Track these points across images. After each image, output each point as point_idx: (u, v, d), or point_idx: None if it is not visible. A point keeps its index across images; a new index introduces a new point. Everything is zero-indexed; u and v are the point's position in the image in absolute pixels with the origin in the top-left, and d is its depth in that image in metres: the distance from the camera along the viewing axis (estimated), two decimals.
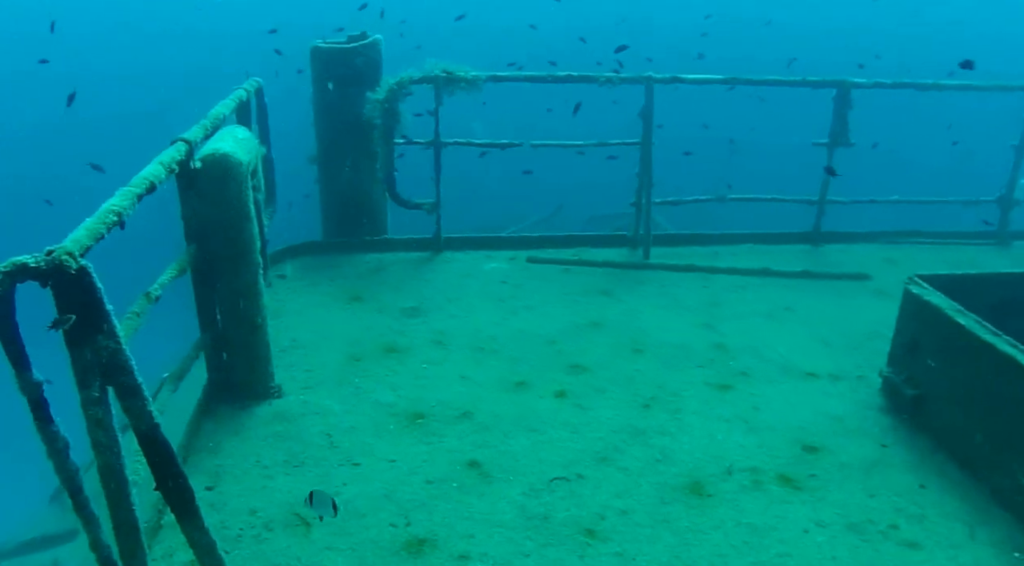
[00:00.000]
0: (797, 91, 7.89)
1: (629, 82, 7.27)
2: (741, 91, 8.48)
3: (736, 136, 16.96)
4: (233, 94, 5.63)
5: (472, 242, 7.73)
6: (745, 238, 8.22)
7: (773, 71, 8.08)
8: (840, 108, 7.66)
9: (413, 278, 6.99)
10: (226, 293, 4.69)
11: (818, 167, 7.92)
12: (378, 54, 7.22)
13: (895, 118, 15.00)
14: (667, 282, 7.15)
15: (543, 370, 5.46)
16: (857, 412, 5.01)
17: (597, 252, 7.74)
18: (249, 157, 4.62)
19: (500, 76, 7.05)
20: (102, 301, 2.90)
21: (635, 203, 7.71)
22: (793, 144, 9.40)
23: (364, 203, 7.53)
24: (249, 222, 4.58)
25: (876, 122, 10.23)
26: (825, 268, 7.54)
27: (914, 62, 11.22)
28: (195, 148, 4.38)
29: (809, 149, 7.98)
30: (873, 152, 10.55)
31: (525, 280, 7.04)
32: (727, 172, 15.98)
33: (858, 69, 7.86)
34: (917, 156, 18.56)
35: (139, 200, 3.42)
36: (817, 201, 8.09)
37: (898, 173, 15.60)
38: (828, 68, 8.49)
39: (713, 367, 5.59)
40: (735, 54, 16.36)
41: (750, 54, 16.04)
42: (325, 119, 7.33)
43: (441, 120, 7.11)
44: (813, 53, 16.90)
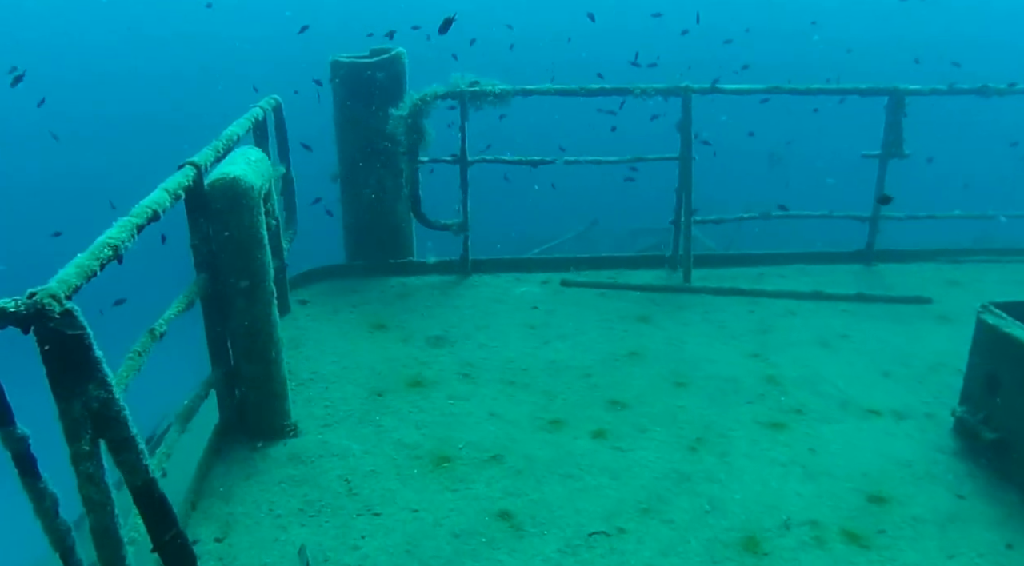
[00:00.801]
0: (846, 100, 7.60)
1: (665, 93, 7.00)
2: (782, 101, 8.15)
3: (778, 148, 16.57)
4: (249, 113, 5.44)
5: (501, 264, 7.48)
6: (793, 258, 7.90)
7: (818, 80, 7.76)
8: (893, 117, 7.34)
9: (439, 304, 6.75)
10: (238, 326, 4.47)
11: (870, 180, 7.62)
12: (401, 68, 7.03)
13: (953, 126, 14.60)
14: (710, 307, 6.84)
15: (579, 406, 5.18)
16: (927, 456, 4.65)
17: (634, 274, 7.46)
18: (262, 180, 4.41)
19: (529, 89, 6.80)
20: (91, 347, 2.68)
21: (674, 221, 7.43)
22: (841, 156, 9.08)
23: (388, 224, 7.32)
24: (262, 250, 4.36)
25: (933, 131, 9.87)
26: (881, 290, 7.19)
27: (979, 68, 10.84)
28: (205, 172, 4.19)
29: (859, 161, 7.67)
30: (930, 163, 10.15)
31: (558, 305, 6.77)
32: (768, 186, 15.68)
33: (910, 77, 7.43)
34: (978, 167, 18.03)
35: (139, 231, 3.21)
36: (870, 217, 7.75)
37: (957, 186, 15.13)
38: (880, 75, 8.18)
39: (764, 403, 5.27)
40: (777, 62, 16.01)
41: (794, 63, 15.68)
42: (347, 136, 7.14)
43: (468, 134, 6.89)
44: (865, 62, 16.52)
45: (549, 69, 13.34)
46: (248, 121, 5.27)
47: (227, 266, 4.32)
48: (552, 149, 7.66)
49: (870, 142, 7.58)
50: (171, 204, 3.62)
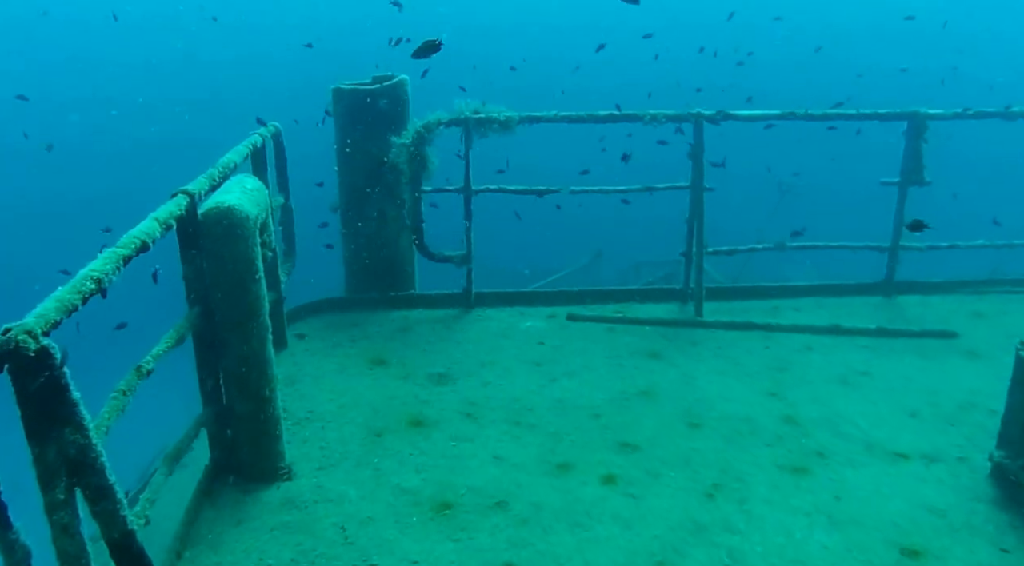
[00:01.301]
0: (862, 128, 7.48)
1: (676, 120, 6.89)
2: (792, 127, 8.00)
3: (787, 177, 16.43)
4: (247, 140, 5.32)
5: (506, 298, 7.33)
6: (808, 290, 7.72)
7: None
8: (913, 142, 7.19)
9: (442, 339, 6.59)
10: (231, 362, 4.31)
11: (887, 208, 7.47)
12: (404, 95, 6.92)
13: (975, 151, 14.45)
14: (723, 342, 6.67)
15: (588, 449, 4.99)
16: (963, 505, 4.44)
17: (644, 308, 7.29)
18: (258, 210, 4.27)
19: (535, 116, 6.69)
20: (67, 388, 2.53)
21: (685, 253, 7.28)
22: (858, 183, 8.93)
23: (390, 255, 7.18)
24: (257, 283, 4.21)
25: (955, 157, 9.74)
26: (903, 324, 6.99)
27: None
28: (199, 200, 4.05)
29: (877, 188, 7.53)
30: (951, 190, 10.01)
31: (565, 341, 6.60)
32: (778, 214, 15.54)
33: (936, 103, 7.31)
34: (1000, 193, 17.87)
35: (126, 263, 3.07)
36: (889, 248, 7.57)
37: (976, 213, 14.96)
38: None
39: (784, 445, 5.08)
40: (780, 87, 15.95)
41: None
42: (349, 164, 7.01)
43: (473, 162, 6.77)
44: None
45: (557, 95, 13.30)
46: (246, 148, 5.15)
47: (220, 300, 4.17)
48: (560, 175, 7.51)
49: (888, 169, 7.47)
50: (161, 234, 3.49)
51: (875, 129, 7.60)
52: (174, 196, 3.89)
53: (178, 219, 3.77)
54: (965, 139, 8.51)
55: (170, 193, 3.94)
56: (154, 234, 3.38)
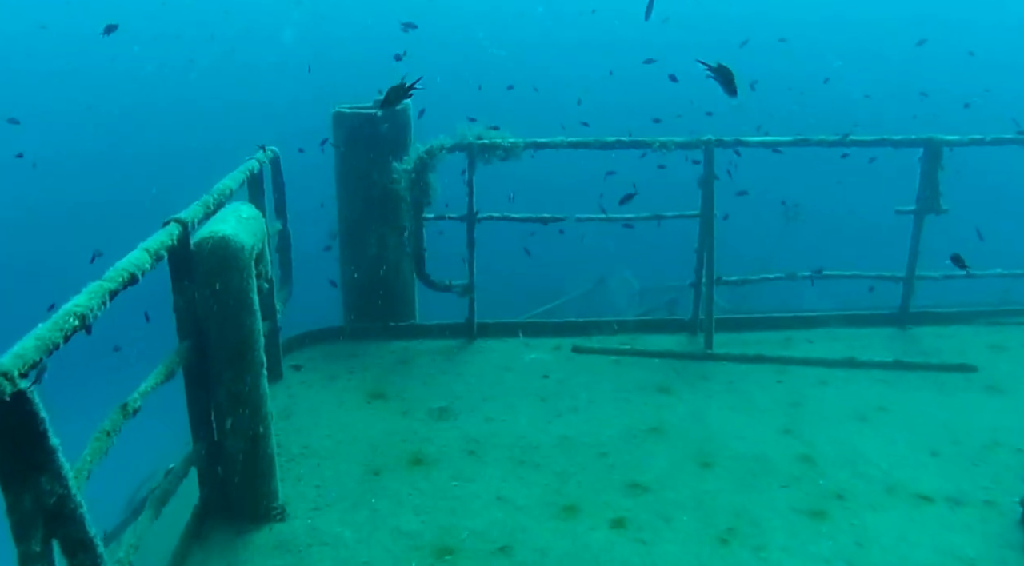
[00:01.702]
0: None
1: (686, 147, 6.77)
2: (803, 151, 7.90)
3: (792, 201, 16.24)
4: (243, 165, 5.20)
5: (510, 328, 7.19)
6: (821, 321, 7.57)
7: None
8: (929, 170, 7.05)
9: (443, 371, 6.44)
10: (223, 398, 4.17)
11: (903, 237, 7.33)
12: (406, 119, 6.82)
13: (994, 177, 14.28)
14: (735, 376, 6.52)
15: (595, 490, 4.83)
16: (993, 553, 4.26)
17: (651, 339, 7.15)
18: (254, 240, 4.15)
19: (541, 142, 6.58)
20: (45, 434, 2.39)
21: (694, 283, 7.14)
22: (871, 211, 8.80)
23: (390, 284, 7.05)
24: (252, 317, 4.08)
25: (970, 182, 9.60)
26: (920, 357, 6.81)
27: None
28: (192, 229, 3.92)
29: (892, 217, 7.40)
30: (969, 217, 9.84)
31: (571, 374, 6.45)
32: (785, 238, 15.39)
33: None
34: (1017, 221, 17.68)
35: (112, 298, 2.94)
36: (904, 278, 7.43)
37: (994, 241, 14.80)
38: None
39: (800, 487, 4.91)
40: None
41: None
42: (348, 190, 6.91)
43: (477, 188, 6.66)
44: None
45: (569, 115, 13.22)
46: (243, 174, 5.03)
47: (213, 333, 4.04)
48: (565, 196, 7.39)
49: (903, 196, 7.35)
50: (152, 266, 3.36)
51: (888, 154, 7.46)
52: (166, 224, 3.77)
53: (169, 249, 3.65)
54: (980, 165, 8.38)
55: (163, 221, 3.84)
56: (144, 266, 3.26)
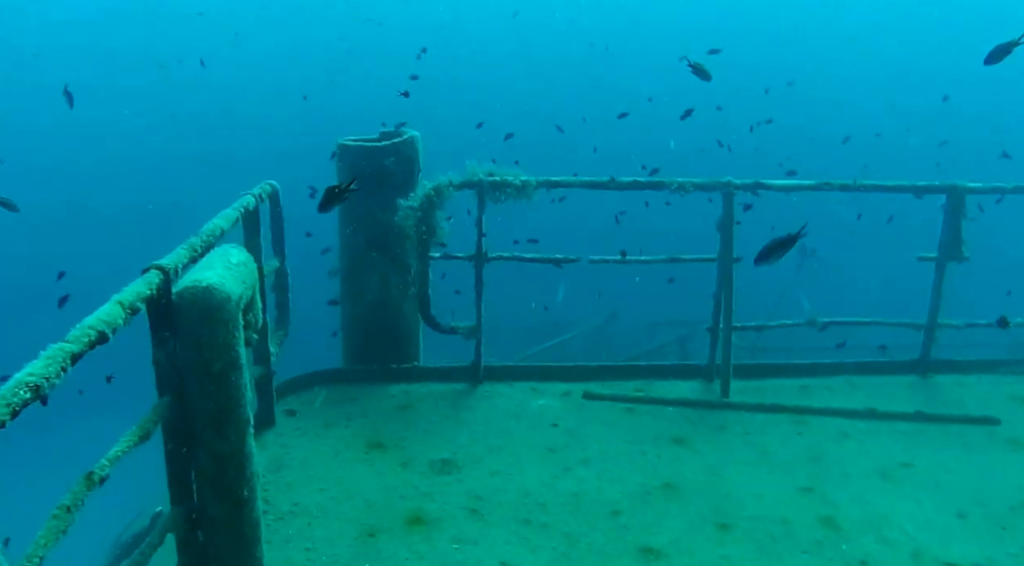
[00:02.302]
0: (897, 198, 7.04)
1: (704, 189, 6.46)
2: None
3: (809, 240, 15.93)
4: (238, 201, 4.88)
5: (517, 372, 6.85)
6: (840, 368, 7.24)
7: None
8: (952, 217, 6.77)
9: (447, 418, 6.09)
10: (206, 459, 3.82)
11: (923, 284, 7.03)
12: (414, 153, 6.53)
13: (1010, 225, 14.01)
14: (752, 427, 6.17)
15: (606, 554, 4.48)
16: None
17: (666, 385, 6.80)
18: (243, 288, 3.82)
19: (554, 181, 6.28)
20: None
21: (711, 328, 6.80)
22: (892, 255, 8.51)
23: (393, 325, 6.73)
24: (238, 372, 3.74)
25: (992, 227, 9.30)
26: (941, 407, 6.51)
27: None
28: (174, 276, 3.60)
29: (914, 264, 7.08)
30: (989, 265, 9.55)
31: (581, 423, 6.10)
32: (800, 276, 15.05)
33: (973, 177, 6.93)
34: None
35: (75, 362, 2.62)
36: (925, 325, 7.11)
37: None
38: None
39: (823, 553, 4.56)
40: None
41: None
42: (351, 227, 6.60)
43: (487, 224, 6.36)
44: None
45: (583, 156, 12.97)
46: (236, 212, 4.70)
47: (195, 390, 3.70)
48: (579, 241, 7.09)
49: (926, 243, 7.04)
50: (125, 321, 3.05)
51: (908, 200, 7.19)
52: (146, 271, 3.46)
53: (148, 300, 3.34)
54: (1001, 213, 8.11)
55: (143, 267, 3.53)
56: (115, 322, 2.94)
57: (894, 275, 8.37)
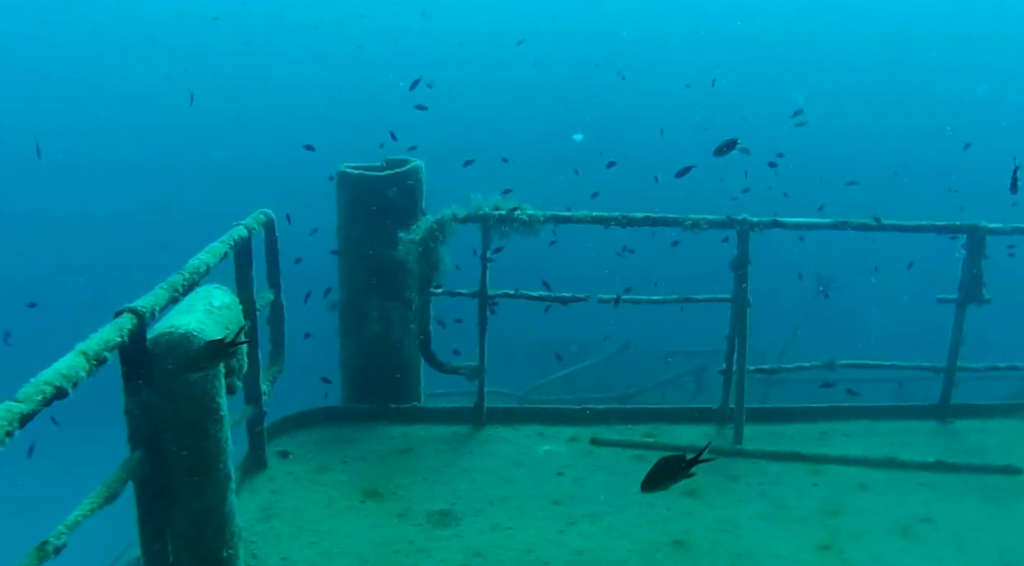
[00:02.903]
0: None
1: (719, 226, 6.16)
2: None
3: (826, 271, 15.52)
4: (228, 234, 4.58)
5: (522, 414, 6.51)
6: (858, 412, 6.90)
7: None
8: (972, 258, 6.47)
9: (447, 464, 5.76)
10: (182, 519, 3.51)
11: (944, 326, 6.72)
12: (418, 184, 6.24)
13: None
14: (767, 477, 5.83)
15: None
16: None
17: (677, 431, 6.46)
18: (225, 333, 3.52)
19: (563, 216, 5.98)
20: None
21: (724, 370, 6.48)
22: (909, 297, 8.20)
23: (393, 362, 6.41)
24: (218, 424, 3.44)
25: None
26: (962, 455, 6.17)
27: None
28: (151, 319, 3.30)
29: (933, 306, 6.79)
30: (1010, 304, 9.20)
31: (588, 471, 5.76)
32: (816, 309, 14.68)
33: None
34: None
35: (24, 424, 2.33)
36: (945, 369, 6.79)
37: None
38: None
39: None
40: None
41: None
42: (351, 259, 6.30)
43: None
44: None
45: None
46: (225, 246, 4.40)
47: (171, 444, 3.39)
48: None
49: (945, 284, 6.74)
50: (90, 373, 2.75)
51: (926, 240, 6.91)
52: (118, 315, 3.16)
53: (119, 347, 3.04)
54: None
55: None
56: (76, 376, 2.65)
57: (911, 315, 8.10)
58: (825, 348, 7.82)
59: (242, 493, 5.20)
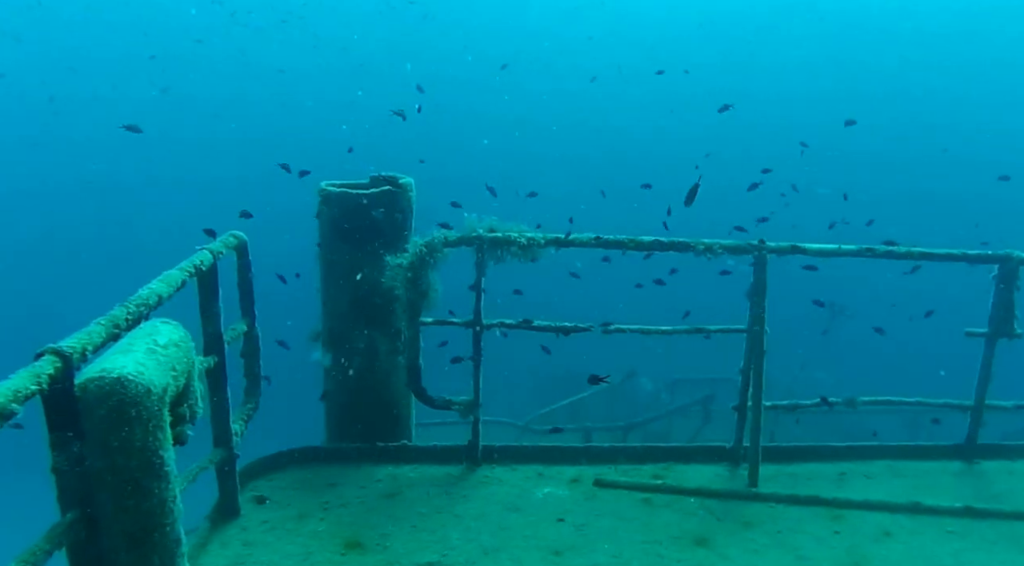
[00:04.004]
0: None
1: (734, 252, 5.67)
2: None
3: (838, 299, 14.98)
4: (188, 260, 4.07)
5: (520, 453, 5.98)
6: (879, 452, 6.40)
7: None
8: (1004, 289, 5.99)
9: (438, 510, 5.22)
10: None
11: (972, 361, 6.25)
12: (407, 204, 5.78)
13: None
14: (784, 523, 5.32)
15: None
16: None
17: (687, 471, 5.94)
18: (169, 377, 3.00)
19: (565, 240, 5.48)
20: None
21: (737, 407, 5.97)
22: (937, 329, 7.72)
23: (380, 397, 5.91)
24: (161, 482, 2.93)
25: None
26: (991, 500, 5.70)
27: None
28: (81, 361, 2.80)
29: (961, 340, 6.29)
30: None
31: (591, 517, 5.23)
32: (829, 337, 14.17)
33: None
34: None
35: None
36: (972, 407, 6.29)
37: None
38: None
39: None
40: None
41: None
42: (334, 285, 5.82)
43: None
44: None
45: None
46: (183, 273, 3.89)
47: (108, 505, 2.89)
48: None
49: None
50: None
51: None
52: (39, 356, 2.67)
53: (40, 394, 2.55)
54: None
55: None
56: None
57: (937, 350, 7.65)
58: (835, 379, 7.35)
59: (211, 546, 4.69)
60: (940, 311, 6.90)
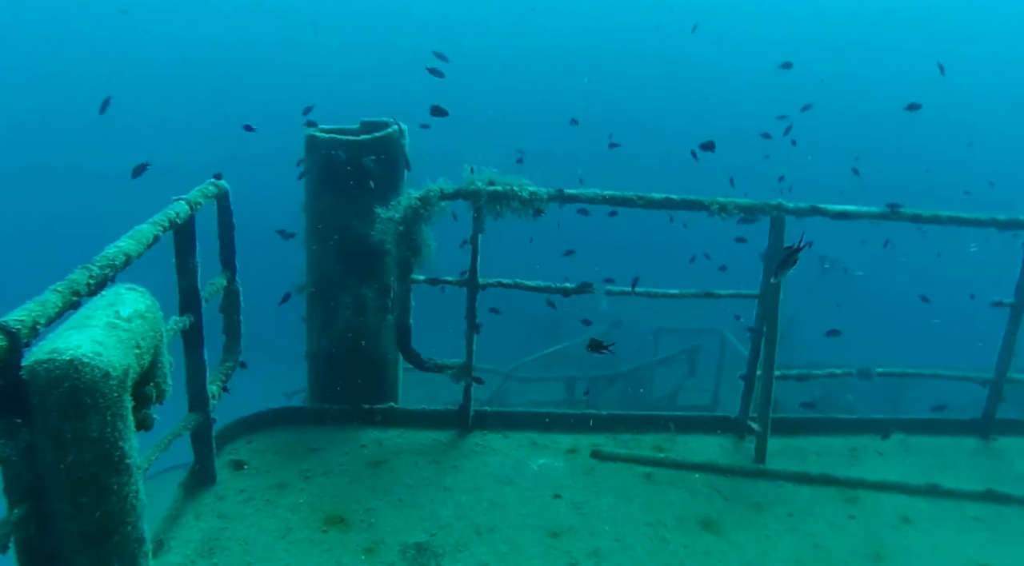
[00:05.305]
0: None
1: (750, 212, 5.32)
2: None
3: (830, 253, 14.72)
4: (164, 212, 3.70)
5: (514, 419, 5.69)
6: (890, 424, 6.15)
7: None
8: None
9: (427, 482, 4.94)
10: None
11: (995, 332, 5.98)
12: (399, 151, 5.38)
13: None
14: (795, 504, 5.09)
15: None
16: None
17: (690, 443, 5.69)
18: (132, 356, 2.65)
19: (570, 195, 5.11)
20: None
21: (745, 376, 5.69)
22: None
23: (367, 356, 5.58)
24: (123, 476, 2.60)
25: None
26: (1011, 482, 5.48)
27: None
28: (30, 338, 2.45)
29: (986, 310, 6.05)
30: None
31: (590, 494, 4.97)
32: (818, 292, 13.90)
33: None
34: None
35: None
36: (992, 380, 6.03)
37: None
38: None
39: None
40: None
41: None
42: (320, 237, 5.44)
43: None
44: None
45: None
46: (156, 227, 3.51)
47: (61, 502, 2.56)
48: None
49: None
50: None
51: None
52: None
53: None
54: None
55: None
56: None
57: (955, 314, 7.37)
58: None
59: (184, 518, 4.40)
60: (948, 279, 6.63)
